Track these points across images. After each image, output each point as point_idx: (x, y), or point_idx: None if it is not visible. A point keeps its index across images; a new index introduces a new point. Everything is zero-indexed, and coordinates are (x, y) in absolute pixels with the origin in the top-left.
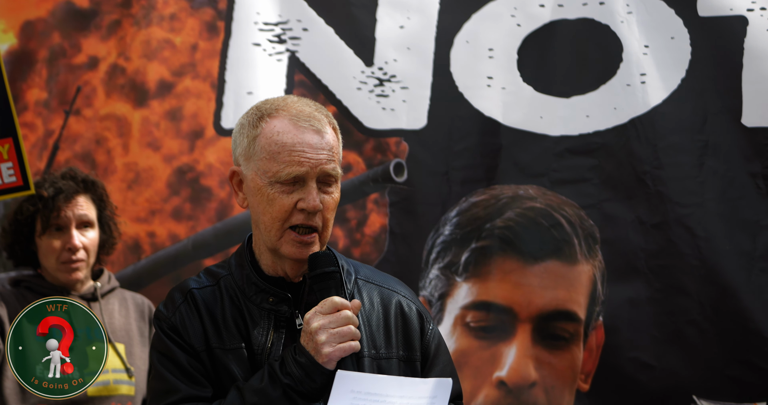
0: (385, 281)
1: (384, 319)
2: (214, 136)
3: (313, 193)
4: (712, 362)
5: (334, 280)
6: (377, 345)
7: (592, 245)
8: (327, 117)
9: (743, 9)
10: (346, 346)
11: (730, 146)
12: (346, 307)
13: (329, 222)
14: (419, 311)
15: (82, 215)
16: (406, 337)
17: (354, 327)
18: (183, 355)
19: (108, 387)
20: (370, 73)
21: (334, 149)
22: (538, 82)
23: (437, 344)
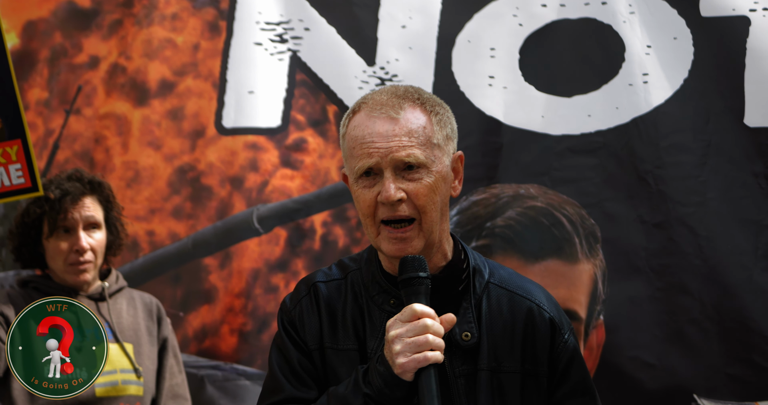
0: (521, 286)
1: (511, 328)
2: (215, 135)
3: (387, 183)
4: (713, 361)
5: (422, 286)
6: (499, 357)
7: (593, 244)
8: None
9: (746, 9)
10: (420, 357)
11: (732, 146)
12: (426, 315)
13: (427, 209)
14: (552, 320)
15: (89, 216)
16: (534, 349)
17: (435, 336)
18: (295, 352)
19: (116, 387)
20: (372, 73)
21: (414, 133)
22: (540, 82)
23: (570, 358)
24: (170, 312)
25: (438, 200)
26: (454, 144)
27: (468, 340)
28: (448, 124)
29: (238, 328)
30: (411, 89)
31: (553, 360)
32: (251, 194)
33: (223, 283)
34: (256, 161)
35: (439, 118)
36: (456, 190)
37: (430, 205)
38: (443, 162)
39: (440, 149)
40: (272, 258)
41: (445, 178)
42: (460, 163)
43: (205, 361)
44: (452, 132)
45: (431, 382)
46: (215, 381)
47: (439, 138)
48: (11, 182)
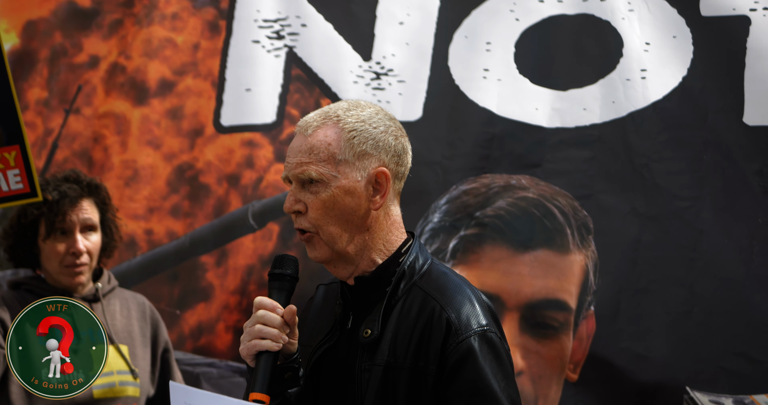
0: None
1: (412, 327)
2: (213, 133)
3: (288, 195)
4: (707, 354)
5: (282, 282)
6: (397, 353)
7: (585, 235)
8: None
9: (746, 9)
10: (250, 345)
11: (730, 144)
12: (262, 307)
13: (319, 221)
14: (449, 321)
15: (86, 219)
16: (426, 348)
17: (264, 325)
18: None
19: (114, 389)
20: (367, 68)
21: (316, 149)
22: (535, 75)
23: (462, 358)
24: (167, 310)
25: (336, 214)
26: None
27: (367, 336)
28: (368, 141)
29: (233, 325)
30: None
31: (442, 359)
32: (247, 191)
33: (219, 281)
34: (251, 158)
35: (353, 134)
36: (376, 204)
37: (325, 219)
38: (351, 177)
39: (348, 165)
40: (265, 253)
41: (353, 193)
42: (384, 179)
43: (200, 358)
44: (375, 149)
45: (262, 366)
46: (211, 378)
47: (347, 154)
48: (9, 188)
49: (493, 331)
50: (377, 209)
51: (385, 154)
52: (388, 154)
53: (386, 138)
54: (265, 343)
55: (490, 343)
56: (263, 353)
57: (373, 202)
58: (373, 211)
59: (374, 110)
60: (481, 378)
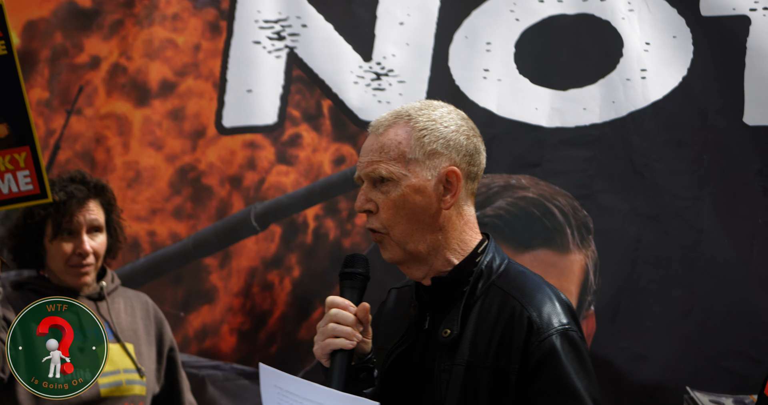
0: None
1: (493, 326)
2: (215, 135)
3: (359, 195)
4: (707, 354)
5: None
6: (477, 353)
7: (585, 235)
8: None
9: (746, 9)
10: (323, 344)
11: (730, 144)
12: (335, 306)
13: (391, 221)
14: (531, 320)
15: (92, 220)
16: (508, 347)
17: (338, 324)
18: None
19: (120, 387)
20: (367, 68)
21: (386, 148)
22: (535, 75)
23: (544, 357)
24: (171, 312)
25: (407, 213)
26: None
27: (447, 336)
28: (438, 140)
29: (238, 328)
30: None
31: (524, 358)
32: (249, 193)
33: (223, 283)
34: (253, 159)
35: (424, 133)
36: (447, 203)
37: (395, 218)
38: (421, 176)
39: (419, 164)
40: (268, 255)
41: (422, 192)
42: (455, 178)
43: (205, 361)
44: (446, 148)
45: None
46: (216, 381)
47: (417, 153)
48: (19, 189)
49: (574, 329)
50: (448, 209)
51: (456, 153)
52: (460, 153)
53: (458, 137)
54: (339, 342)
55: (571, 341)
56: (338, 352)
57: (444, 201)
58: (444, 211)
59: (446, 110)
60: (564, 376)
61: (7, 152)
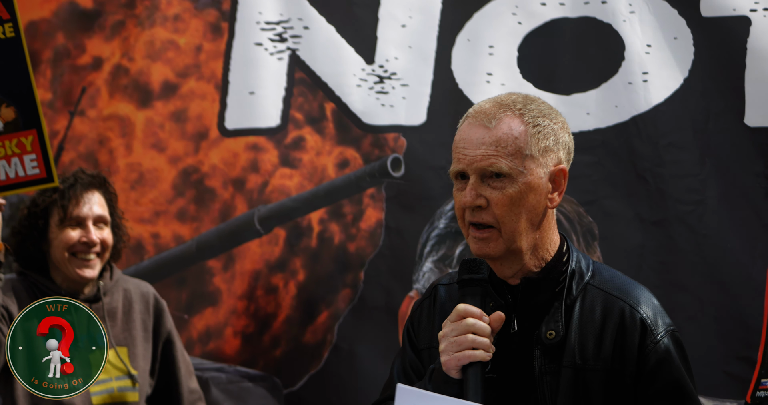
0: (620, 287)
1: (601, 328)
2: (218, 137)
3: (468, 190)
4: (711, 359)
5: (476, 288)
6: (585, 355)
7: (591, 241)
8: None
9: (746, 9)
10: (460, 356)
11: (732, 146)
12: (469, 315)
13: (505, 218)
14: (643, 321)
15: (98, 212)
16: (621, 349)
17: (476, 335)
18: (410, 352)
19: (113, 395)
20: (370, 71)
21: (502, 143)
22: (538, 79)
23: (660, 359)
24: (175, 314)
25: (521, 211)
26: (559, 156)
27: (552, 338)
28: (550, 136)
29: (241, 330)
30: (521, 99)
31: (641, 360)
32: (252, 195)
33: (226, 286)
34: (256, 162)
35: (538, 129)
36: (553, 201)
37: (510, 215)
38: (536, 173)
39: (534, 160)
40: (272, 258)
41: (536, 189)
42: (562, 176)
43: (209, 363)
44: (556, 145)
45: (475, 378)
46: (219, 383)
47: (533, 149)
48: (26, 173)
49: (677, 329)
50: (553, 208)
51: (562, 150)
52: (564, 150)
53: (563, 134)
54: (479, 354)
55: (678, 342)
56: (474, 364)
57: (551, 199)
58: (548, 210)
59: (547, 104)
60: (680, 378)
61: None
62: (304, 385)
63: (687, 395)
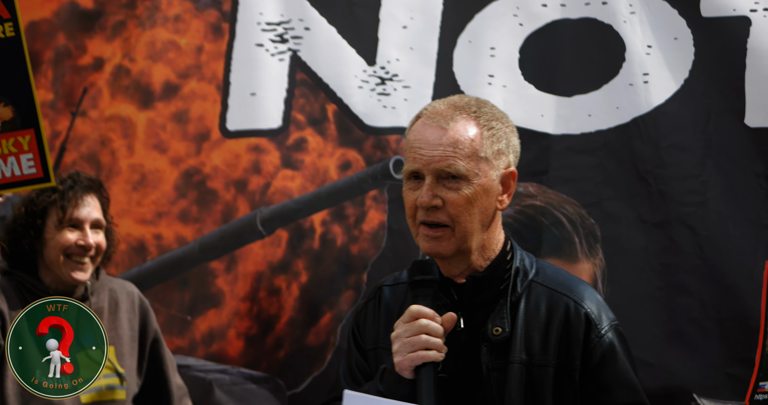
0: (564, 284)
1: (546, 324)
2: (219, 138)
3: (425, 190)
4: (713, 361)
5: (428, 289)
6: (532, 351)
7: (593, 244)
8: (469, 113)
9: (746, 9)
10: (414, 356)
11: (733, 146)
12: (423, 316)
13: (460, 218)
14: (588, 316)
15: (95, 216)
16: (567, 344)
17: (429, 336)
18: (356, 353)
19: (101, 393)
20: (372, 72)
21: (459, 144)
22: (540, 81)
23: (605, 352)
24: (178, 316)
25: (475, 211)
26: (509, 160)
27: (498, 334)
28: (502, 139)
29: (244, 332)
30: (473, 101)
31: (586, 354)
32: (254, 197)
33: (229, 287)
34: (258, 163)
35: (492, 132)
36: (503, 203)
37: (464, 216)
38: (489, 175)
39: (488, 163)
40: (274, 260)
41: (488, 191)
42: (512, 179)
43: (212, 365)
44: (507, 148)
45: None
46: (223, 385)
47: (488, 152)
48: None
49: (619, 323)
50: (502, 209)
51: (512, 153)
52: (514, 153)
53: (513, 137)
54: (432, 354)
55: (622, 336)
56: (426, 364)
57: (500, 201)
58: (498, 211)
59: (497, 108)
60: (624, 372)
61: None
62: (308, 386)
63: (632, 388)
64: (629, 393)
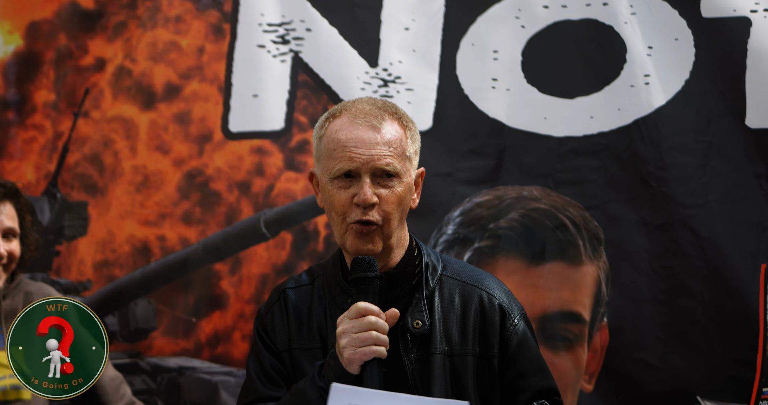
0: (473, 276)
1: (462, 315)
2: (222, 139)
3: (365, 188)
4: (716, 363)
5: (371, 285)
6: (452, 342)
7: (597, 246)
8: (390, 113)
9: (746, 10)
10: (365, 351)
11: (734, 148)
12: (371, 313)
13: (391, 216)
14: (501, 306)
15: (7, 224)
16: (484, 333)
17: (378, 333)
18: (267, 355)
19: (5, 392)
20: (374, 74)
21: (393, 144)
22: (542, 83)
23: (520, 340)
24: (183, 317)
25: (401, 209)
26: (418, 160)
27: (419, 327)
28: (417, 140)
29: (249, 334)
30: (388, 103)
31: (503, 343)
32: (258, 199)
33: (234, 289)
34: (261, 165)
35: (411, 133)
36: (414, 202)
37: (394, 213)
38: (410, 174)
39: (410, 162)
40: (279, 262)
41: (410, 190)
42: (420, 178)
43: (218, 367)
44: (417, 148)
45: (375, 373)
46: (229, 387)
47: (410, 152)
48: None
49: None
50: (414, 208)
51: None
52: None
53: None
54: (381, 350)
55: (529, 323)
56: (373, 360)
57: (413, 200)
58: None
59: None
60: (538, 358)
61: None
62: None
63: (545, 373)
64: (543, 378)
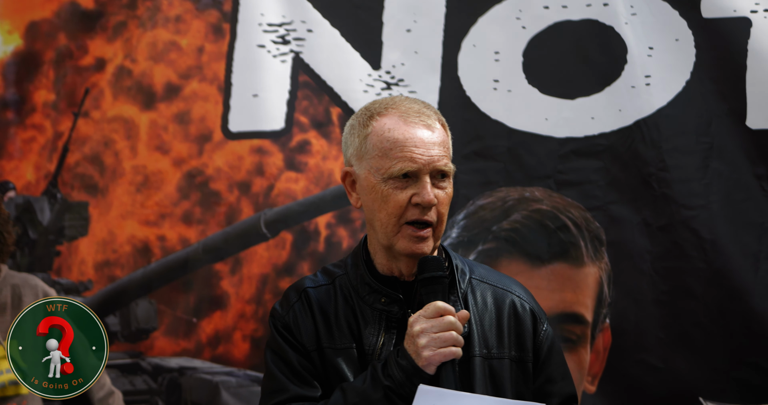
0: (500, 280)
1: (497, 318)
2: (222, 139)
3: (428, 188)
4: (718, 364)
5: (441, 285)
6: (489, 345)
7: (599, 247)
8: (436, 114)
9: (747, 10)
10: (446, 351)
11: (734, 148)
12: (449, 313)
13: (444, 217)
14: (533, 311)
15: None
16: (519, 338)
17: (456, 333)
18: (294, 354)
19: (5, 388)
20: (377, 77)
21: (445, 144)
22: (544, 84)
23: (550, 345)
24: (184, 318)
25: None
26: None
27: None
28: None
29: (250, 334)
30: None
31: (536, 347)
32: (258, 199)
33: (234, 289)
34: (261, 165)
35: (449, 133)
36: None
37: (445, 215)
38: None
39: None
40: (279, 262)
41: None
42: None
43: (219, 367)
44: None
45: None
46: (230, 387)
47: (451, 152)
48: None
49: None
50: None
51: None
52: None
53: None
54: (459, 351)
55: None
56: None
57: None
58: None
59: None
60: (564, 363)
61: None
62: None
63: (570, 380)
64: (568, 384)
